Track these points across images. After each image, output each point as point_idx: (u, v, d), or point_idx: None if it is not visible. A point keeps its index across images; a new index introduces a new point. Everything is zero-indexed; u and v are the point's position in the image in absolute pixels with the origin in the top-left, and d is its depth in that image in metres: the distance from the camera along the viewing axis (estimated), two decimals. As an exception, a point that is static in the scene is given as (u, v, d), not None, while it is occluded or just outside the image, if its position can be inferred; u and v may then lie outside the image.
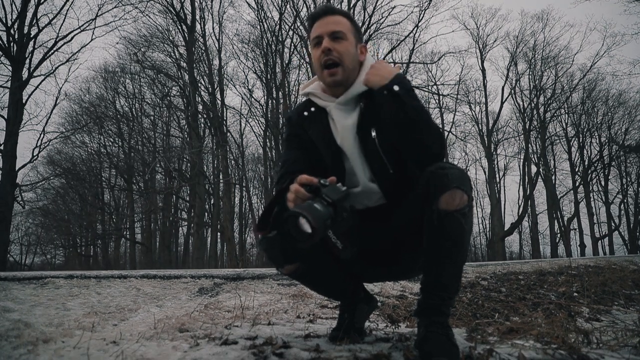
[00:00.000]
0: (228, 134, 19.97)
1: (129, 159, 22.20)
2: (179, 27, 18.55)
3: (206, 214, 20.33)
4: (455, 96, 22.29)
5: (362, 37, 1.56)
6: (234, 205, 23.44)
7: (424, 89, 20.25)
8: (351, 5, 18.30)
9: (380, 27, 18.92)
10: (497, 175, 26.43)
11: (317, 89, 1.53)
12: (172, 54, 19.38)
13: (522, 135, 24.86)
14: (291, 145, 1.54)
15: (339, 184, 1.20)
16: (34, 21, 13.71)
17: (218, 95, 18.74)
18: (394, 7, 19.11)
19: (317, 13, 1.49)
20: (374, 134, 1.41)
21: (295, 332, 1.71)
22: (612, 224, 26.69)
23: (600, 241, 26.78)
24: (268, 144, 20.39)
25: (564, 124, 26.73)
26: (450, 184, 1.22)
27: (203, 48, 18.62)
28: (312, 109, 1.52)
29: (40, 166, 22.21)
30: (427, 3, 18.72)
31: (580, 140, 26.69)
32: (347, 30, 1.46)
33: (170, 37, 19.08)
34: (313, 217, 1.06)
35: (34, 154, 14.62)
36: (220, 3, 22.95)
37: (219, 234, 20.25)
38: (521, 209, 23.82)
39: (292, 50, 18.85)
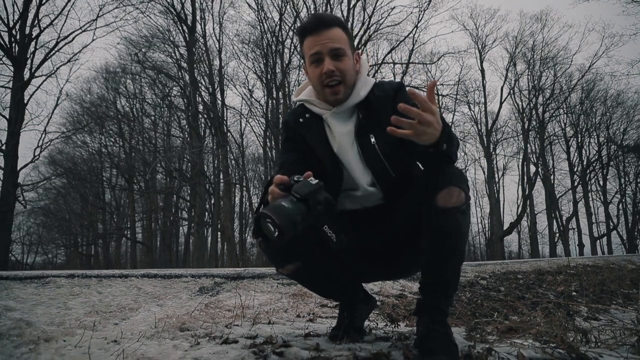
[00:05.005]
0: (228, 134, 19.99)
1: (129, 158, 22.21)
2: (180, 28, 18.57)
3: (206, 213, 20.35)
4: (455, 96, 22.31)
5: (354, 43, 1.55)
6: (234, 205, 23.47)
7: (424, 89, 20.23)
8: (351, 5, 18.30)
9: (380, 27, 18.94)
10: (496, 175, 26.45)
11: (312, 96, 1.53)
12: (173, 54, 19.41)
13: (521, 135, 24.87)
14: (289, 148, 1.54)
15: (311, 179, 1.17)
16: (36, 22, 13.71)
17: (218, 96, 18.78)
18: (394, 7, 19.10)
19: (311, 27, 1.42)
20: (373, 140, 1.41)
21: (295, 331, 1.72)
22: (611, 224, 26.71)
23: (598, 240, 26.80)
24: (268, 144, 20.41)
25: (562, 124, 26.79)
26: (447, 181, 1.24)
27: (203, 48, 18.65)
28: (307, 115, 1.52)
29: (42, 166, 22.24)
30: (426, 4, 18.76)
31: (579, 140, 26.71)
32: (345, 45, 1.42)
33: (171, 38, 19.10)
34: (278, 215, 1.04)
35: (36, 154, 14.60)
36: (221, 4, 23.00)
37: (219, 233, 20.25)
38: (520, 208, 23.82)
39: (292, 50, 18.84)
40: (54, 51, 14.33)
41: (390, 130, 1.13)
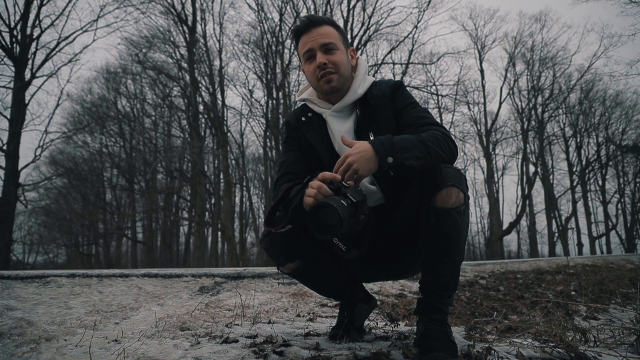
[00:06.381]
0: (228, 134, 20.00)
1: (130, 158, 22.21)
2: (180, 28, 18.57)
3: (207, 213, 20.34)
4: (454, 96, 22.28)
5: (348, 41, 1.57)
6: (235, 204, 23.44)
7: (423, 90, 20.24)
8: (351, 6, 18.30)
9: (380, 28, 18.89)
10: (495, 175, 26.43)
11: (313, 95, 1.55)
12: (173, 54, 19.41)
13: (521, 135, 24.84)
14: (290, 147, 1.56)
15: (360, 187, 1.22)
16: (37, 22, 13.70)
17: (219, 96, 18.77)
18: (393, 8, 18.96)
19: (303, 27, 1.47)
20: (371, 138, 1.42)
21: (295, 331, 1.72)
22: (610, 223, 26.69)
23: (597, 240, 26.76)
24: (268, 144, 20.41)
25: (561, 124, 26.74)
26: (446, 181, 1.24)
27: (204, 49, 18.64)
28: (309, 114, 1.54)
29: (43, 166, 22.29)
30: (426, 4, 18.70)
31: (578, 140, 26.67)
32: (337, 40, 1.46)
33: (172, 38, 19.11)
34: (342, 211, 1.09)
35: (37, 154, 14.60)
36: (221, 4, 22.93)
37: (219, 233, 20.26)
38: (519, 208, 23.83)
39: (292, 51, 18.83)
40: (55, 51, 14.33)
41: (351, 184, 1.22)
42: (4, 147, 12.74)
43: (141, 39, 18.65)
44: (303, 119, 1.55)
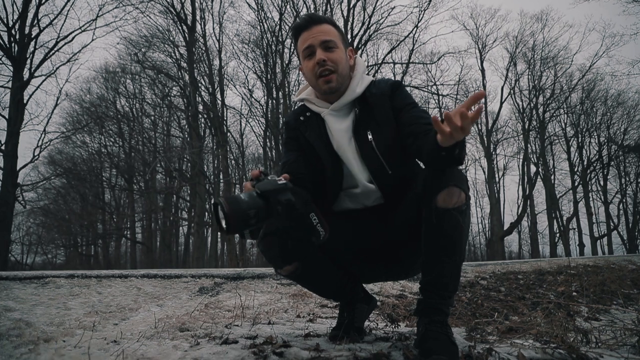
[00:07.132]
0: (228, 134, 20.00)
1: (129, 158, 22.19)
2: (180, 28, 18.56)
3: (206, 213, 20.32)
4: (455, 96, 22.30)
5: (347, 41, 1.57)
6: (235, 205, 23.39)
7: (424, 89, 20.27)
8: (351, 5, 18.31)
9: (380, 27, 18.95)
10: (496, 175, 26.42)
11: (311, 94, 1.55)
12: (173, 54, 19.39)
13: (522, 135, 24.85)
14: (290, 147, 1.56)
15: (279, 178, 1.17)
16: (35, 21, 13.70)
17: (218, 96, 18.78)
18: (394, 7, 19.18)
19: (303, 24, 1.48)
20: (370, 136, 1.42)
21: (295, 332, 1.71)
22: (611, 224, 26.67)
23: (599, 241, 26.74)
24: (268, 144, 20.41)
25: (563, 124, 26.73)
26: (447, 182, 1.23)
27: (203, 48, 18.64)
28: (308, 113, 1.54)
29: (41, 166, 22.24)
30: (426, 3, 18.76)
31: (580, 140, 26.66)
32: (336, 38, 1.47)
33: (171, 38, 19.08)
34: (229, 205, 1.05)
35: (35, 154, 14.59)
36: (221, 3, 23.01)
37: (219, 233, 20.25)
38: (520, 208, 23.82)
39: (292, 50, 18.85)
40: (53, 51, 14.31)
41: (435, 119, 1.08)
42: (2, 147, 12.74)
43: (140, 38, 18.63)
44: (301, 118, 1.55)
